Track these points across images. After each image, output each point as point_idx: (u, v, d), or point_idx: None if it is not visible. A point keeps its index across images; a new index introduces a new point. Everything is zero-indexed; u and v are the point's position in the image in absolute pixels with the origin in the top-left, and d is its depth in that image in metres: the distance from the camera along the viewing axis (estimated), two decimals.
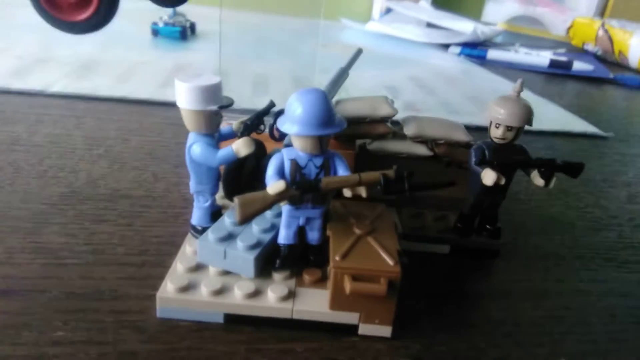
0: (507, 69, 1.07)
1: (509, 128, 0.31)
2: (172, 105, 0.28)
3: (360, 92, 0.76)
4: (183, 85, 0.27)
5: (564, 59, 1.12)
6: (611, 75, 1.07)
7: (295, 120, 0.25)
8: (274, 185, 0.25)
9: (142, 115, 0.55)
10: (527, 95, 0.85)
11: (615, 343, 0.29)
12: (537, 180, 0.32)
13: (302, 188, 0.26)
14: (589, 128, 0.70)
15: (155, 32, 0.93)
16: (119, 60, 0.74)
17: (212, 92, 0.28)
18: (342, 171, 0.27)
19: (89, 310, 0.26)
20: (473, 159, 0.32)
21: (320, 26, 0.84)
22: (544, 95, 0.86)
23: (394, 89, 0.79)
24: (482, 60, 1.12)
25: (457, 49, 1.16)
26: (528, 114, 0.31)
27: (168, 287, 0.26)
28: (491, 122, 0.31)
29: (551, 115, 0.74)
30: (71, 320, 0.26)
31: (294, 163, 0.27)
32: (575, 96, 0.94)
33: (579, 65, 1.09)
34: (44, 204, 0.36)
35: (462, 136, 0.37)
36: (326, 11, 1.30)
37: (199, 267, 0.28)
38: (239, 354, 0.25)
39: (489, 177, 0.30)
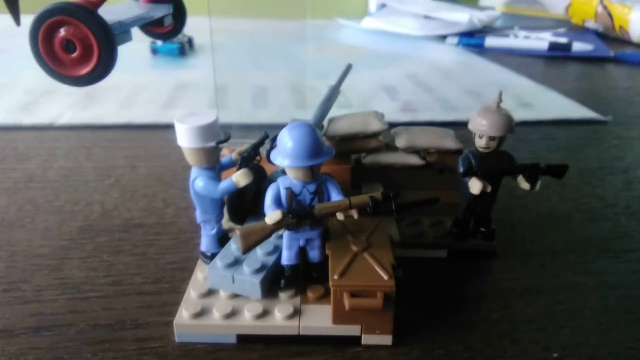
0: (507, 56, 1.07)
1: (491, 138, 0.32)
2: (174, 127, 0.30)
3: (358, 95, 0.78)
4: (181, 126, 0.29)
5: (563, 40, 1.12)
6: (612, 54, 1.07)
7: (286, 154, 0.27)
8: (270, 215, 0.27)
9: (147, 140, 0.58)
10: (526, 83, 0.86)
11: (607, 334, 0.30)
12: (523, 184, 0.33)
13: (297, 216, 0.28)
14: (588, 113, 0.70)
15: (155, 51, 0.95)
16: (120, 85, 0.77)
17: (210, 130, 0.30)
18: (335, 195, 0.29)
19: (113, 340, 0.29)
20: (460, 169, 0.34)
21: (308, 31, 0.85)
22: (543, 81, 0.87)
23: (391, 88, 0.81)
24: (480, 49, 1.12)
25: (455, 40, 1.17)
26: (509, 124, 0.32)
27: (183, 314, 0.29)
28: (475, 133, 0.33)
29: (549, 103, 0.75)
30: (99, 351, 0.28)
31: (289, 191, 0.29)
32: (575, 79, 0.94)
33: (578, 46, 1.09)
34: (63, 239, 0.38)
35: (452, 144, 0.39)
36: (320, 11, 1.32)
37: (210, 292, 0.30)
38: None
39: (475, 186, 0.32)
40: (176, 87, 0.78)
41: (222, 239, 0.34)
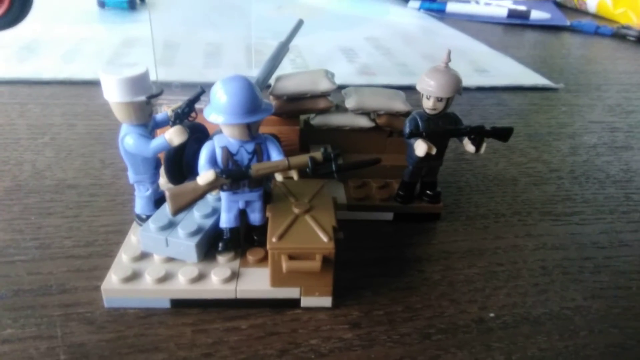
0: (467, 22, 1.07)
1: (439, 99, 0.32)
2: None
3: (317, 56, 0.76)
4: (107, 78, 0.27)
5: (522, 8, 1.12)
6: (568, 23, 1.08)
7: (221, 110, 0.26)
8: (203, 175, 0.26)
9: (88, 97, 0.54)
10: (483, 49, 0.86)
11: (542, 294, 0.31)
12: (468, 147, 0.33)
13: (232, 177, 0.26)
14: (541, 80, 0.71)
15: (102, 4, 0.89)
16: (63, 38, 0.72)
17: (139, 83, 0.28)
18: (275, 155, 0.28)
19: (37, 306, 0.27)
20: (406, 130, 0.33)
21: None
22: (501, 47, 0.87)
23: (351, 50, 0.79)
24: (441, 14, 1.11)
25: (417, 4, 1.15)
26: (457, 84, 0.32)
27: (112, 279, 0.27)
28: (422, 94, 0.32)
29: (504, 70, 0.75)
30: (20, 317, 0.26)
31: (225, 150, 0.27)
32: (531, 47, 0.95)
33: (536, 14, 1.09)
34: None
35: (402, 106, 0.38)
36: None
37: (143, 256, 0.29)
38: (185, 335, 0.26)
39: (420, 148, 0.31)
40: (123, 42, 0.73)
41: (159, 201, 0.32)
